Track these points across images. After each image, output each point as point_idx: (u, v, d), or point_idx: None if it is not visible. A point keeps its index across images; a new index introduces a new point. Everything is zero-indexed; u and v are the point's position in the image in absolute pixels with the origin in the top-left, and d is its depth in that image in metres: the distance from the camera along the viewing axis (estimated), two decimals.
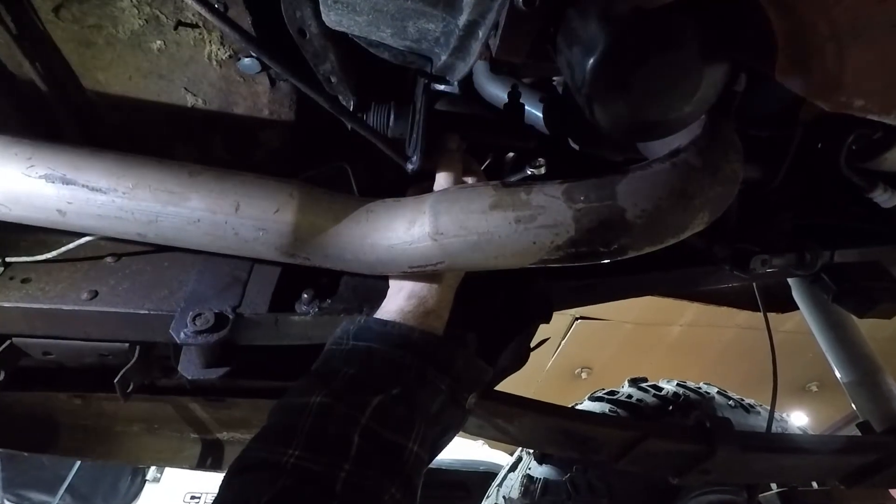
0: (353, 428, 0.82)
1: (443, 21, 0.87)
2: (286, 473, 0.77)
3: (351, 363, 0.91)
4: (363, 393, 0.86)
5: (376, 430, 0.83)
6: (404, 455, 0.84)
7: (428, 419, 0.90)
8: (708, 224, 0.94)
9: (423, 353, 0.93)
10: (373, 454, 0.82)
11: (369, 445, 0.81)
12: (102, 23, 1.00)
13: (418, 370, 0.91)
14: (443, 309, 1.03)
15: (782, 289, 2.22)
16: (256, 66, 1.04)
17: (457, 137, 1.13)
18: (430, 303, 1.01)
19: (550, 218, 0.90)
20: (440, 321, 1.02)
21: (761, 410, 2.49)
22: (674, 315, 4.55)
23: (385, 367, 0.91)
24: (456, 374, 0.95)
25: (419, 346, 0.94)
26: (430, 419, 0.90)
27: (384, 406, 0.85)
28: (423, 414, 0.89)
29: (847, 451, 1.79)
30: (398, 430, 0.85)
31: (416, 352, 0.92)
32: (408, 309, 0.99)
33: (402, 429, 0.86)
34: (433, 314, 1.00)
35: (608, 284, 1.50)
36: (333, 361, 0.93)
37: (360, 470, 0.79)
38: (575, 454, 1.73)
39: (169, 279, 1.09)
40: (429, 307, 1.01)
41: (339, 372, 0.89)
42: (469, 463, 4.31)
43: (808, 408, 5.53)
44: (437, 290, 1.03)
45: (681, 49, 0.76)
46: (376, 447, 0.82)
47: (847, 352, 2.08)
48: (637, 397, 2.46)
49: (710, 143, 0.92)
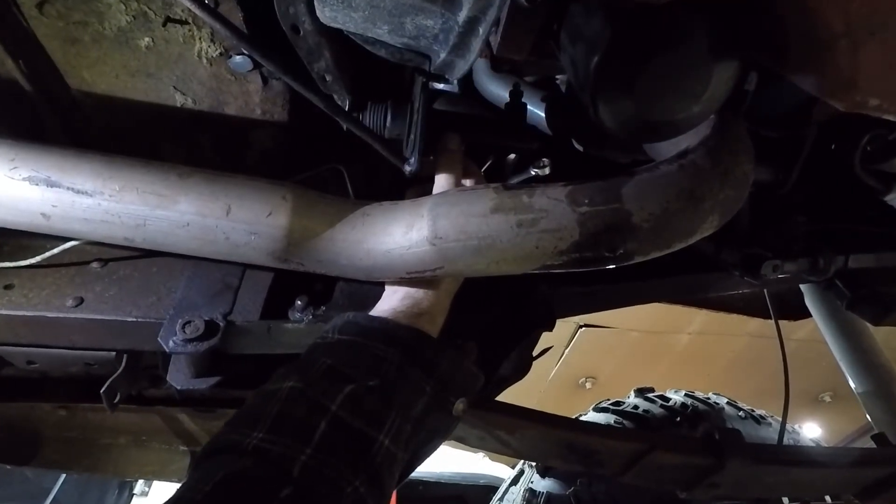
0: (321, 414, 0.81)
1: (442, 17, 0.87)
2: (246, 455, 0.77)
3: (331, 355, 0.91)
4: (337, 381, 0.86)
5: (345, 418, 0.82)
6: (373, 448, 0.83)
7: (408, 418, 0.89)
8: (717, 228, 0.94)
9: (407, 349, 0.92)
10: (338, 442, 0.81)
11: (335, 433, 0.81)
12: (88, 19, 1.00)
13: (400, 366, 0.90)
14: (437, 313, 1.03)
15: (795, 295, 2.22)
16: (248, 63, 1.04)
17: (457, 138, 1.13)
18: (423, 305, 1.01)
19: (553, 222, 0.89)
20: (433, 325, 1.01)
21: (773, 422, 2.49)
22: (682, 323, 4.55)
23: (364, 360, 0.90)
24: (442, 377, 0.94)
25: (404, 342, 0.93)
26: (411, 419, 0.89)
27: (356, 395, 0.84)
28: (402, 412, 0.88)
29: (862, 464, 1.78)
30: (369, 421, 0.84)
31: (400, 348, 0.92)
32: (400, 309, 0.99)
33: (373, 420, 0.84)
34: (426, 316, 1.00)
35: (613, 291, 1.50)
36: (315, 353, 0.92)
37: (321, 456, 0.78)
38: (579, 467, 1.73)
39: (157, 285, 1.09)
40: (422, 309, 1.00)
41: (317, 362, 0.89)
42: (469, 476, 4.30)
43: (821, 419, 5.52)
44: (433, 293, 1.03)
45: (689, 46, 0.75)
46: (343, 435, 0.81)
47: (862, 361, 2.08)
48: (643, 408, 2.46)
49: (719, 143, 0.92)
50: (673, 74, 0.77)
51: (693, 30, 0.75)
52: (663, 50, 0.75)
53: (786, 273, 1.34)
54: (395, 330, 0.95)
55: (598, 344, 4.69)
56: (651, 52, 0.75)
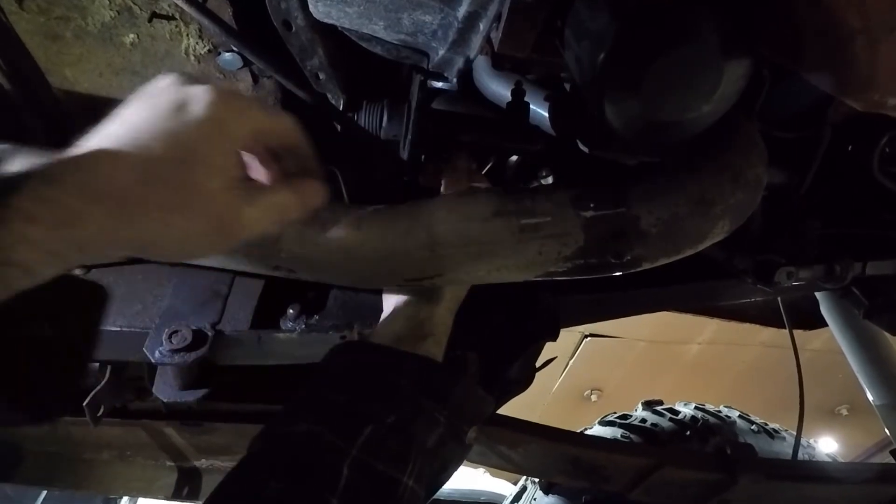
0: (342, 459, 0.80)
1: (440, 12, 0.87)
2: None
3: (340, 389, 0.90)
4: (354, 422, 0.85)
5: (368, 461, 0.81)
6: (398, 490, 0.82)
7: (425, 452, 0.88)
8: (729, 233, 0.93)
9: (419, 381, 0.92)
10: (363, 488, 0.80)
11: (360, 478, 0.80)
12: (70, 14, 0.99)
13: (413, 399, 0.90)
14: (442, 334, 1.02)
15: (810, 304, 2.22)
16: (238, 61, 1.04)
17: (464, 156, 1.12)
18: (428, 327, 1.00)
19: (557, 227, 0.89)
20: (438, 347, 1.01)
21: (787, 436, 2.48)
22: (691, 332, 4.56)
23: (378, 395, 0.89)
24: (455, 406, 0.94)
25: (415, 373, 0.92)
26: (427, 452, 0.89)
27: (377, 436, 0.84)
28: (420, 446, 0.88)
29: (881, 481, 1.77)
30: (392, 462, 0.83)
31: (412, 379, 0.91)
32: (403, 333, 0.99)
33: (396, 461, 0.84)
34: (431, 339, 0.99)
35: (620, 299, 1.50)
36: (321, 387, 0.92)
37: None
38: (584, 483, 1.72)
39: (142, 293, 1.09)
40: (427, 332, 1.00)
41: (327, 399, 0.88)
42: (470, 493, 4.30)
43: (837, 433, 5.52)
44: (437, 313, 1.02)
45: (699, 42, 0.75)
46: (367, 480, 0.81)
47: (880, 372, 2.08)
48: (652, 421, 2.45)
49: (731, 145, 0.92)
50: (682, 72, 0.76)
51: (703, 26, 0.75)
52: (672, 47, 0.74)
53: (800, 280, 1.33)
54: (403, 360, 0.94)
55: (604, 354, 4.69)
56: (659, 50, 0.74)
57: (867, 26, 0.71)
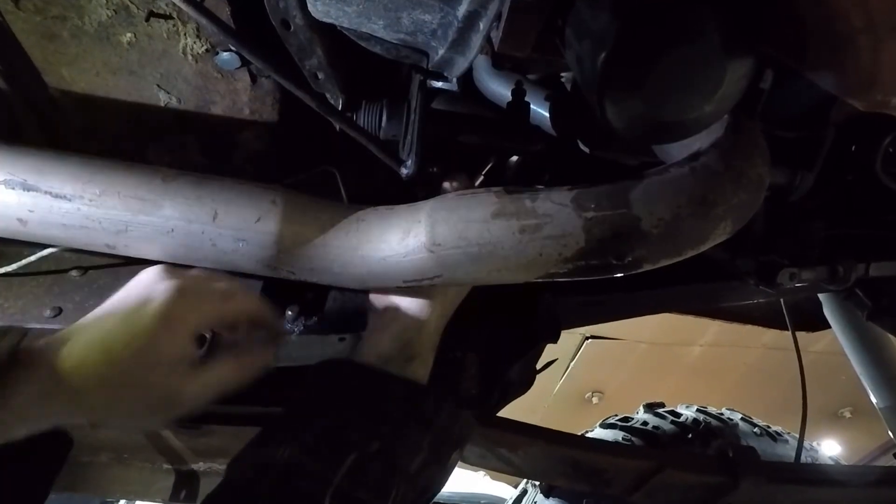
0: (325, 488, 0.80)
1: (440, 11, 0.87)
2: None
3: (323, 412, 0.90)
4: (336, 448, 0.85)
5: (350, 491, 0.82)
6: None
7: (408, 478, 0.88)
8: (731, 234, 0.93)
9: (405, 406, 0.92)
10: None
11: None
12: (67, 13, 0.99)
13: (398, 425, 0.90)
14: (428, 353, 1.03)
15: (813, 305, 2.22)
16: (236, 60, 1.03)
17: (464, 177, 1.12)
18: (414, 347, 1.01)
19: (558, 227, 0.89)
20: (425, 368, 1.01)
21: (789, 439, 2.48)
22: (693, 334, 4.56)
23: (362, 421, 0.89)
24: (440, 431, 0.94)
25: (400, 398, 0.93)
26: (409, 478, 0.89)
27: (360, 464, 0.84)
28: (403, 472, 0.88)
29: (884, 484, 1.77)
30: (374, 490, 0.84)
31: (397, 405, 0.92)
32: (390, 355, 0.99)
33: (378, 489, 0.84)
34: (417, 360, 1.00)
35: (621, 300, 1.50)
36: (304, 409, 0.92)
37: None
38: (585, 486, 1.72)
39: None
40: (413, 352, 1.00)
41: (311, 423, 0.88)
42: (469, 496, 4.30)
43: (840, 436, 5.52)
44: (423, 331, 1.02)
45: (701, 41, 0.75)
46: None
47: (883, 374, 2.08)
48: (653, 424, 2.46)
49: (733, 145, 0.92)
50: (684, 72, 0.76)
51: (706, 25, 0.75)
52: (674, 46, 0.74)
53: (803, 281, 1.33)
54: (388, 383, 0.94)
55: (605, 356, 4.69)
56: (661, 49, 0.74)
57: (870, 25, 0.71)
